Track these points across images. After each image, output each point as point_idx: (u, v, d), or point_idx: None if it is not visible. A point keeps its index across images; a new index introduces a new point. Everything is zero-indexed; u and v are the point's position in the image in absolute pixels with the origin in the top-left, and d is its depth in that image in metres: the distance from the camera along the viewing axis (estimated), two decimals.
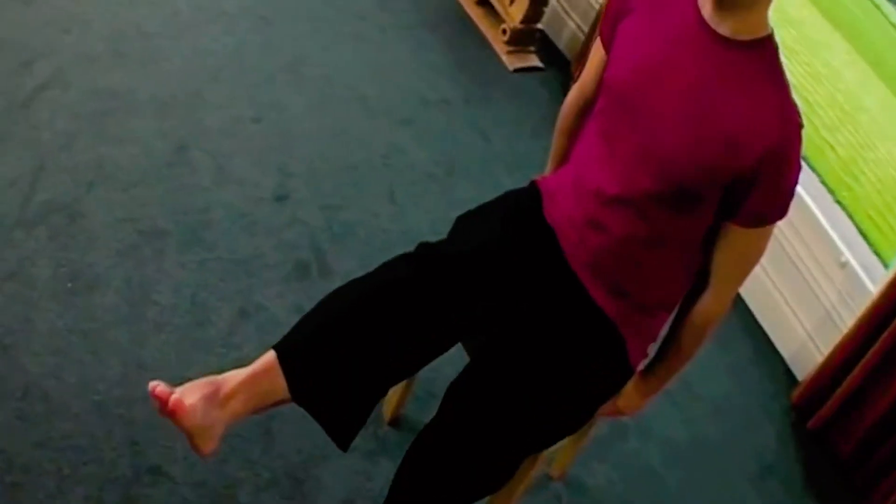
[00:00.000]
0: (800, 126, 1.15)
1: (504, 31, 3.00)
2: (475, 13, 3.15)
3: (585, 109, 1.40)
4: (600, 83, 1.31)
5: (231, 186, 2.16)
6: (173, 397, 1.09)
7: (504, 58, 2.97)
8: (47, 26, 2.45)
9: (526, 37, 3.00)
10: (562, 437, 1.37)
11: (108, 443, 1.54)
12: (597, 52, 1.37)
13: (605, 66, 1.30)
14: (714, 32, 1.16)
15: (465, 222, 1.41)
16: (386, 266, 1.31)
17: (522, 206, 1.39)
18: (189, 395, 1.12)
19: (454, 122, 2.63)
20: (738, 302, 2.41)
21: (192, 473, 1.54)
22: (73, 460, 1.49)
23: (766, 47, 1.17)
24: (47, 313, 1.72)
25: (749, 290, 2.44)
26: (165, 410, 1.10)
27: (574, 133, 1.43)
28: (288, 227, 2.09)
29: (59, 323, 1.71)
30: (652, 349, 1.40)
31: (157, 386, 1.11)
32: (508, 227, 1.35)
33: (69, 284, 1.79)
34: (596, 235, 1.28)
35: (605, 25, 1.32)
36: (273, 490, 1.58)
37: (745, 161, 1.13)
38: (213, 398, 1.15)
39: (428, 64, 2.84)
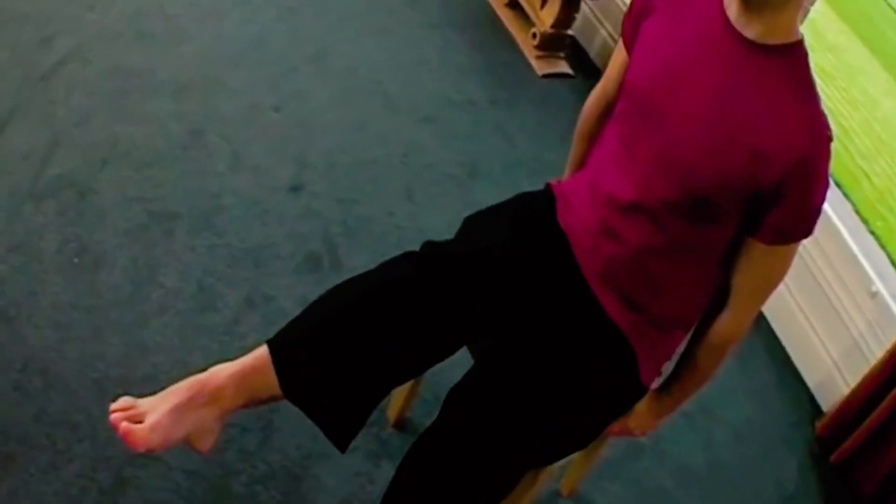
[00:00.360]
0: (829, 139, 1.12)
1: (534, 36, 3.03)
2: (505, 15, 3.18)
3: (606, 112, 1.38)
4: (622, 85, 1.30)
5: (245, 174, 2.19)
6: (122, 426, 1.09)
7: (533, 62, 3.00)
8: (71, 2, 2.51)
9: (556, 42, 3.02)
10: (566, 454, 1.35)
11: (104, 422, 1.52)
12: (619, 53, 1.36)
13: (627, 68, 1.29)
14: (740, 35, 1.13)
15: (474, 222, 1.40)
16: (388, 264, 1.31)
17: (535, 209, 1.39)
18: (154, 411, 1.12)
19: (478, 123, 2.65)
20: (763, 325, 2.40)
21: (187, 460, 1.55)
22: (68, 437, 1.51)
23: (795, 54, 1.14)
24: (52, 287, 1.75)
25: (775, 314, 2.43)
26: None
27: (594, 137, 1.43)
28: (301, 218, 2.12)
29: (62, 298, 1.73)
30: (667, 368, 1.38)
31: (115, 410, 1.12)
32: (519, 230, 1.34)
33: (75, 260, 1.82)
34: (610, 244, 1.27)
35: (628, 25, 1.30)
36: (269, 483, 1.58)
37: (769, 174, 1.11)
38: (193, 401, 1.15)
39: (454, 64, 2.87)
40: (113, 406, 1.13)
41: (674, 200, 1.18)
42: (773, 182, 1.11)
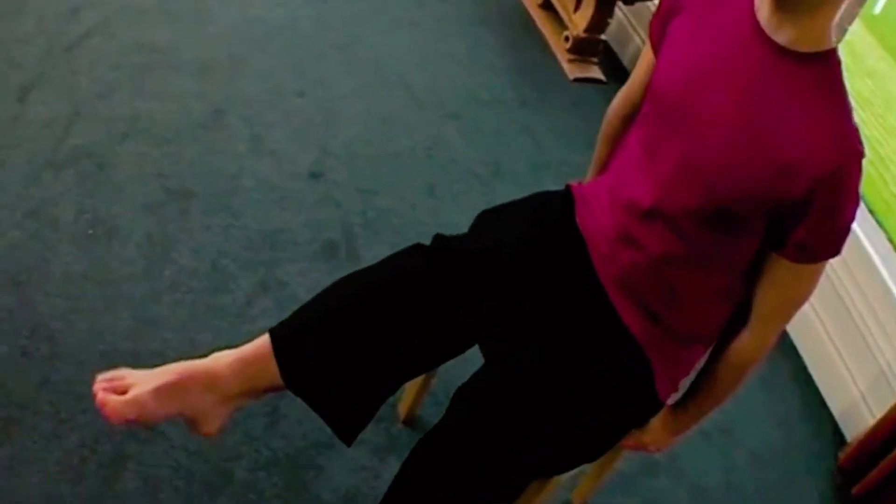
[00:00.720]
0: (861, 154, 1.10)
1: (567, 39, 3.06)
2: (538, 16, 3.21)
3: (631, 115, 1.37)
4: (647, 88, 1.29)
5: (265, 157, 2.22)
6: (99, 395, 1.12)
7: (565, 66, 3.03)
8: None
9: (589, 46, 3.05)
10: (575, 465, 1.35)
11: None
12: (645, 55, 1.35)
13: (653, 70, 1.28)
14: (769, 40, 1.11)
15: (488, 218, 1.41)
16: (398, 256, 1.31)
17: (552, 209, 1.39)
18: (139, 385, 1.14)
19: (506, 123, 2.68)
20: (790, 347, 2.40)
21: (190, 439, 1.57)
22: (72, 406, 1.53)
23: (827, 62, 1.11)
24: (65, 256, 1.78)
25: (802, 338, 2.43)
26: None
27: (617, 140, 1.43)
28: (320, 205, 2.14)
29: (74, 267, 1.76)
30: (684, 384, 1.37)
31: (101, 379, 1.14)
32: (534, 229, 1.34)
33: (90, 231, 1.85)
34: (629, 251, 1.26)
35: (655, 25, 1.29)
36: (272, 470, 1.60)
37: (795, 186, 1.09)
38: (185, 384, 1.16)
39: (484, 61, 2.90)
40: (100, 376, 1.15)
41: (696, 208, 1.17)
42: (800, 195, 1.09)
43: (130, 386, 1.15)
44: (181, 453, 1.55)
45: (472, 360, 1.39)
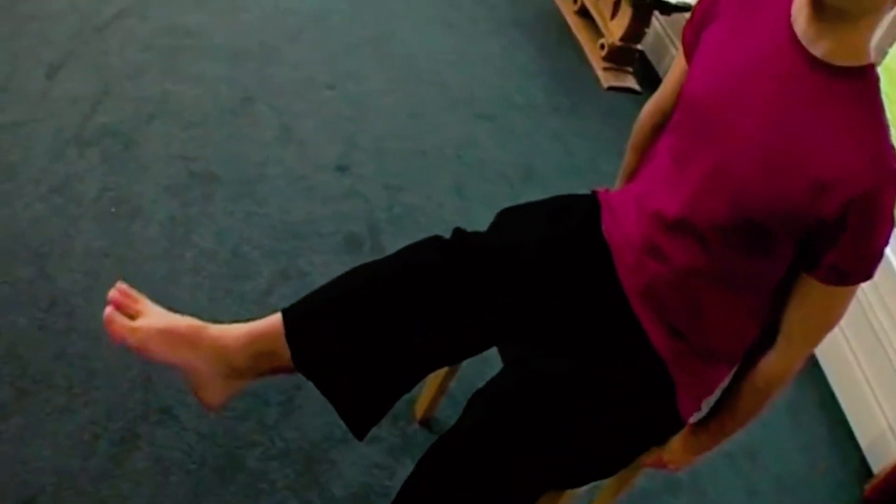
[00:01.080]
0: None
1: (602, 47, 3.08)
2: (574, 23, 3.24)
3: (662, 124, 1.36)
4: (678, 96, 1.29)
5: (292, 146, 2.24)
6: (109, 310, 1.16)
7: (599, 73, 3.04)
8: None
9: (624, 56, 3.07)
10: (591, 479, 1.34)
11: (124, 373, 1.60)
12: (678, 62, 1.34)
13: (685, 78, 1.27)
14: (805, 51, 1.09)
15: (510, 216, 1.41)
16: (415, 248, 1.32)
17: (577, 212, 1.38)
18: (148, 317, 1.18)
19: (537, 127, 2.69)
20: (818, 373, 2.39)
21: (203, 423, 1.58)
22: (86, 381, 1.55)
23: (865, 78, 1.09)
24: (86, 233, 1.81)
25: (830, 364, 2.41)
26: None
27: (647, 148, 1.42)
28: (346, 198, 2.16)
29: (96, 244, 1.79)
30: (707, 404, 1.36)
31: (120, 289, 1.19)
32: (556, 230, 1.34)
33: (113, 209, 1.88)
34: (654, 262, 1.26)
35: (689, 32, 1.28)
36: (284, 461, 1.61)
37: (827, 205, 1.08)
38: (190, 338, 1.19)
39: (518, 65, 2.92)
40: (120, 285, 1.18)
41: (723, 221, 1.16)
42: (832, 215, 1.08)
43: (140, 313, 1.19)
44: (193, 437, 1.56)
45: (492, 363, 1.39)
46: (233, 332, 1.22)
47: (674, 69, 1.37)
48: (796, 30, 1.11)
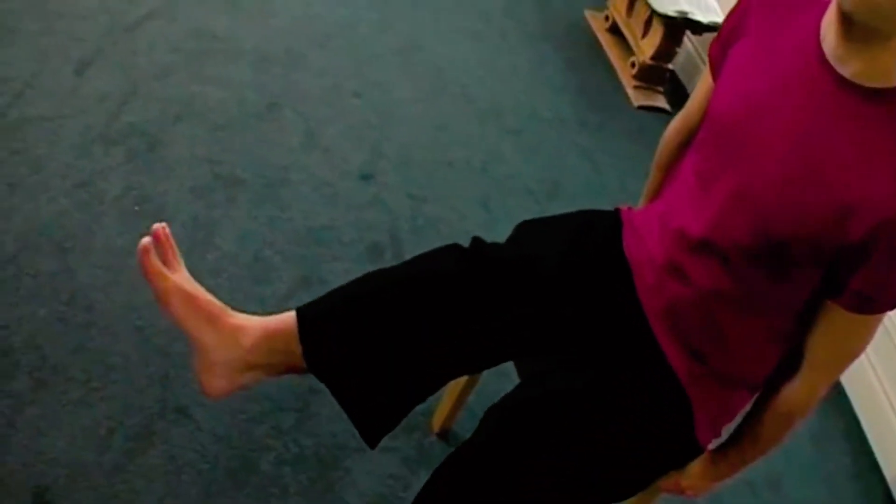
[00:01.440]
0: None
1: (633, 65, 3.11)
2: (605, 40, 3.28)
3: (687, 142, 1.37)
4: (704, 113, 1.29)
5: (317, 153, 2.29)
6: (145, 242, 1.19)
7: (630, 91, 3.08)
8: None
9: (655, 74, 3.10)
10: (608, 501, 1.33)
11: (142, 370, 1.63)
12: (704, 79, 1.35)
13: (712, 95, 1.28)
14: (834, 71, 1.09)
15: (529, 229, 1.42)
16: (431, 255, 1.33)
17: (599, 229, 1.39)
18: (178, 275, 1.22)
19: (565, 143, 2.72)
20: (844, 402, 2.39)
21: (218, 424, 1.61)
22: (104, 376, 1.59)
23: (894, 100, 1.09)
24: (109, 230, 1.85)
25: (856, 393, 2.41)
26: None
27: (672, 167, 1.43)
28: (369, 206, 2.20)
29: (118, 241, 1.83)
30: (727, 430, 1.36)
31: (163, 229, 1.23)
32: (577, 246, 1.35)
33: (136, 208, 1.93)
34: (676, 283, 1.26)
35: (716, 48, 1.29)
36: (297, 467, 1.63)
37: (854, 231, 1.07)
38: (210, 314, 1.21)
39: (547, 79, 2.96)
40: (166, 228, 1.24)
41: (747, 243, 1.16)
42: (859, 239, 1.08)
43: (172, 268, 1.23)
44: (207, 437, 1.59)
45: (512, 377, 1.41)
46: (253, 321, 1.25)
47: (700, 86, 1.37)
48: (825, 49, 1.11)
